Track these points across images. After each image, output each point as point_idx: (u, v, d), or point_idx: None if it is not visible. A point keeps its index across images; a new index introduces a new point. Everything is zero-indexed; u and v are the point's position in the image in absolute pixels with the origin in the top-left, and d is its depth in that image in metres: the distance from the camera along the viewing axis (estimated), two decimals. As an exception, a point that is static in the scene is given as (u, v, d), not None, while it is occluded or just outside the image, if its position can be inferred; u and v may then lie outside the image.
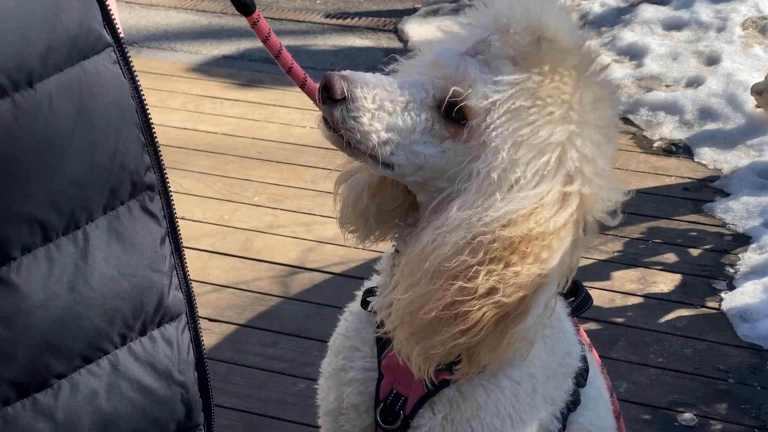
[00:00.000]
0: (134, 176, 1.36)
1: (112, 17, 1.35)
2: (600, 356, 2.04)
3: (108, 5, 1.35)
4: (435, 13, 6.90)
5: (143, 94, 1.38)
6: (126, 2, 7.35)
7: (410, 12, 7.02)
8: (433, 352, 1.53)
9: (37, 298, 1.28)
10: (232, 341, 3.50)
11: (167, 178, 1.42)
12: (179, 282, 1.48)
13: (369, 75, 1.56)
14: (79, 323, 1.33)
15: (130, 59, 1.37)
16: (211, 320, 3.60)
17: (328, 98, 1.52)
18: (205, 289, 3.79)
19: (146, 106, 1.38)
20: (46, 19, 1.24)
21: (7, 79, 1.21)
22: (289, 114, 5.25)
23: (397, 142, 1.54)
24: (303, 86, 1.78)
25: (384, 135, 1.54)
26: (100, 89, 1.31)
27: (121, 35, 1.36)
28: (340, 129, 1.53)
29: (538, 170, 1.49)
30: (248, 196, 4.49)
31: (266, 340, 3.50)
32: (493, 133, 1.49)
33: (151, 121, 1.39)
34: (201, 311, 3.57)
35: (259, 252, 4.05)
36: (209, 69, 6.01)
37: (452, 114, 1.54)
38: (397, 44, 6.43)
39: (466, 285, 1.48)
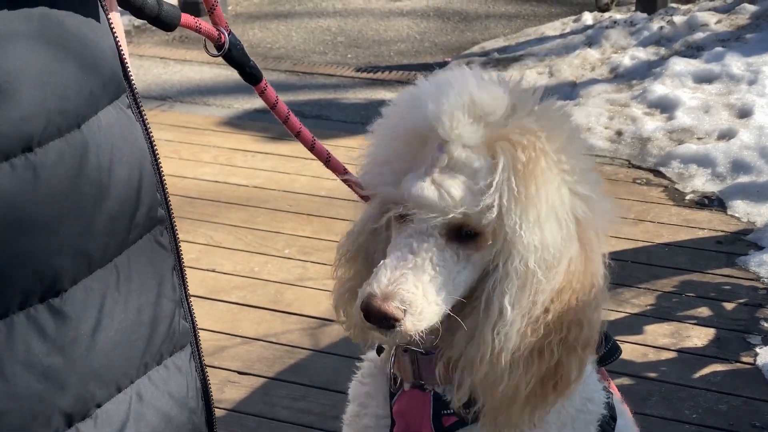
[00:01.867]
0: (151, 211, 1.43)
1: (126, 63, 1.42)
2: (633, 412, 2.01)
3: (123, 52, 1.42)
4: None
5: (152, 134, 1.45)
6: (160, 58, 7.46)
7: (440, 65, 7.07)
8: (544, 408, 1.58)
9: (87, 328, 1.34)
10: (262, 394, 3.48)
11: (172, 212, 1.49)
12: (184, 312, 1.53)
13: (388, 265, 1.49)
14: (118, 351, 1.38)
15: (140, 102, 1.44)
16: (240, 373, 3.59)
17: (390, 327, 1.46)
18: (235, 342, 3.79)
19: (155, 146, 1.45)
20: (91, 65, 1.32)
21: (64, 120, 1.27)
22: (320, 167, 5.23)
23: (444, 295, 1.50)
24: (327, 162, 1.79)
25: (438, 299, 1.50)
26: (126, 129, 1.39)
27: (133, 80, 1.44)
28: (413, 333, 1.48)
29: (563, 238, 1.50)
30: (279, 248, 4.50)
31: (296, 393, 3.48)
32: (517, 232, 1.48)
33: (159, 159, 1.46)
34: (230, 364, 3.58)
35: (290, 305, 4.05)
36: (241, 123, 6.08)
37: (462, 233, 1.51)
38: (428, 98, 6.46)
39: (545, 358, 1.51)
